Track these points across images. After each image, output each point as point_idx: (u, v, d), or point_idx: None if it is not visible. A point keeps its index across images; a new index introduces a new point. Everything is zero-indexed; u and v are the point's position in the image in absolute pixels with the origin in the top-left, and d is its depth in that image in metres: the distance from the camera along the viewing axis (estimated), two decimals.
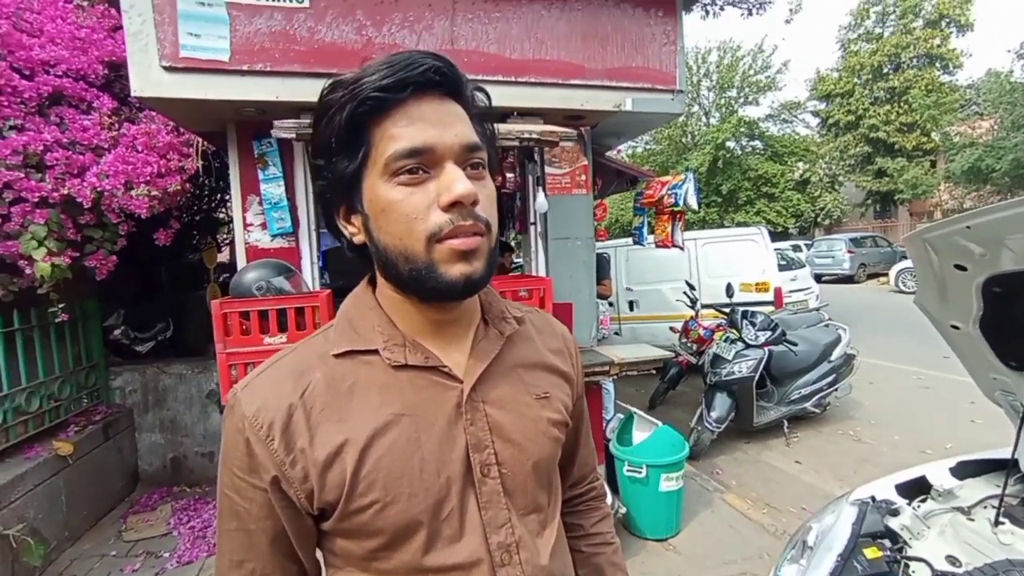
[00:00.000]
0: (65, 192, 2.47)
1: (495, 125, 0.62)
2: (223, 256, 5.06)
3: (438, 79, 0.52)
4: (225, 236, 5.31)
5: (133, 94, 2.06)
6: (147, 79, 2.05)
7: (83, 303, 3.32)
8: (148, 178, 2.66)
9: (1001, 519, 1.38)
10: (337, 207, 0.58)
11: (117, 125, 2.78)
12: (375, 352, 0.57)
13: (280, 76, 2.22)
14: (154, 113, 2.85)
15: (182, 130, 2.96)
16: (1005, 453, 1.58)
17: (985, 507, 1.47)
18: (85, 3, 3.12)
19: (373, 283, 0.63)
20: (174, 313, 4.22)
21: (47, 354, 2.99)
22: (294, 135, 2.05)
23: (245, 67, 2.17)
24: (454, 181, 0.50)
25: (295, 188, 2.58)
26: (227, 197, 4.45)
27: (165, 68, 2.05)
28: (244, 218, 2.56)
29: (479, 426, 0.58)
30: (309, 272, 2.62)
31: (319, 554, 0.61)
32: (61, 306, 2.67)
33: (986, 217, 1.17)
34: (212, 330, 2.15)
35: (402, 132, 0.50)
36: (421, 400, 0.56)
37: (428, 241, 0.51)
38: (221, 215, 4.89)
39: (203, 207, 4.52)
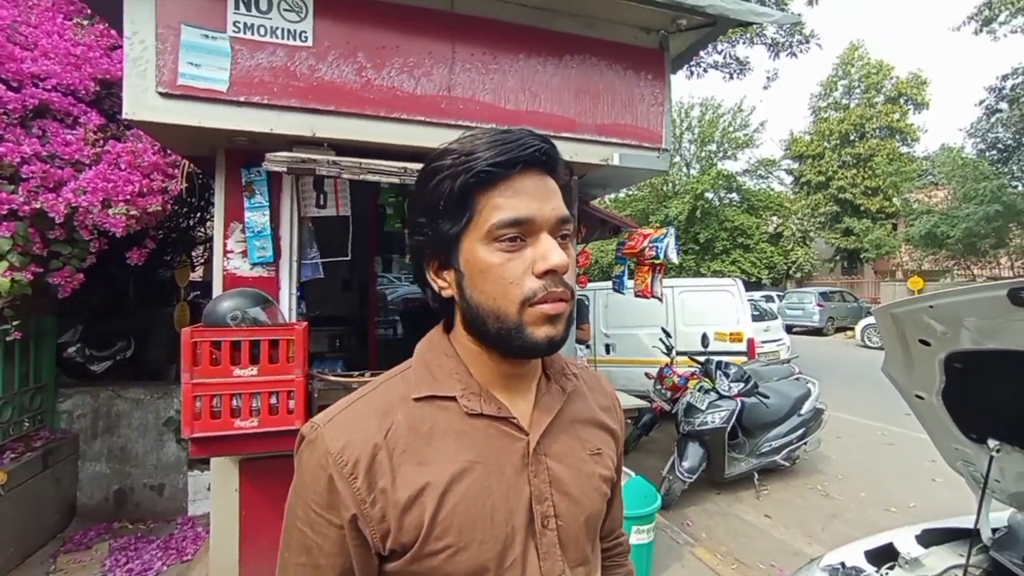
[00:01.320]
0: (37, 206, 2.40)
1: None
2: (196, 274, 4.93)
3: (543, 159, 0.57)
4: (200, 255, 5.18)
5: (125, 116, 2.04)
6: (141, 103, 2.04)
7: (39, 319, 3.15)
8: (128, 197, 2.61)
9: None
10: (431, 261, 0.61)
11: (102, 142, 2.74)
12: (452, 399, 0.59)
13: (276, 109, 2.24)
14: (142, 132, 2.82)
15: (169, 151, 2.94)
16: (968, 521, 1.62)
17: None
18: (85, 22, 3.13)
19: (448, 328, 0.65)
20: (137, 331, 4.04)
21: None
22: (285, 168, 2.06)
23: (242, 98, 2.18)
24: (550, 251, 0.55)
25: (280, 218, 2.56)
26: (206, 216, 4.38)
27: (161, 94, 2.05)
28: (225, 244, 2.51)
29: (541, 478, 0.60)
30: (287, 303, 2.56)
31: None
32: (15, 323, 2.53)
33: (947, 299, 1.24)
34: (177, 351, 2.08)
35: (507, 203, 0.55)
36: (492, 449, 0.59)
37: (521, 304, 0.55)
38: (199, 233, 4.79)
39: (180, 224, 4.43)
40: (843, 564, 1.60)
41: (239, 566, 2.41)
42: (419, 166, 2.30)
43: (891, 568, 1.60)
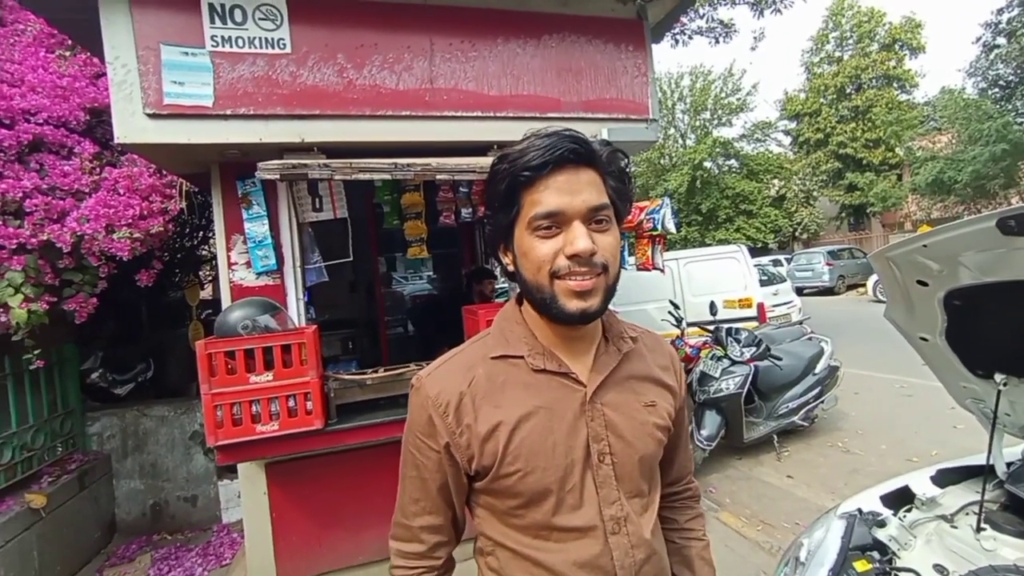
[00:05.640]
0: (44, 238, 2.45)
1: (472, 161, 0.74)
2: (206, 293, 5.01)
3: (572, 157, 0.66)
4: (208, 273, 5.26)
5: (116, 141, 2.08)
6: (131, 126, 2.08)
7: (60, 348, 3.24)
8: (130, 220, 2.66)
9: (983, 525, 1.41)
10: (498, 243, 0.76)
11: (98, 169, 2.79)
12: (521, 357, 0.74)
13: (263, 119, 2.27)
14: (136, 156, 2.87)
15: (164, 172, 2.98)
16: (982, 459, 1.63)
17: (967, 514, 1.51)
18: (68, 53, 3.16)
19: (520, 301, 0.80)
20: (155, 353, 4.14)
21: (20, 403, 2.90)
22: (278, 176, 2.09)
23: (228, 111, 2.21)
24: (576, 239, 0.65)
25: (279, 226, 2.60)
26: (210, 234, 4.43)
27: (149, 115, 2.08)
28: (228, 257, 2.56)
29: (598, 422, 0.73)
30: (295, 309, 2.61)
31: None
32: (36, 352, 2.61)
33: (940, 236, 1.24)
34: (195, 369, 2.13)
35: (541, 198, 0.67)
36: (555, 397, 0.72)
37: (551, 277, 0.67)
38: (204, 252, 4.86)
39: (185, 245, 4.50)
40: (860, 510, 1.62)
41: (275, 565, 2.49)
42: (408, 160, 2.30)
43: (908, 511, 1.62)
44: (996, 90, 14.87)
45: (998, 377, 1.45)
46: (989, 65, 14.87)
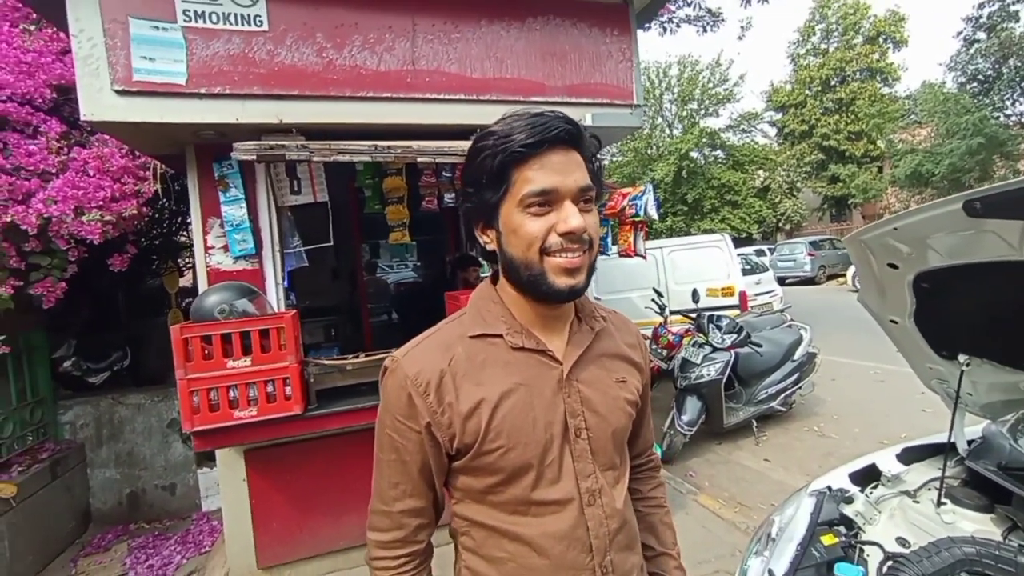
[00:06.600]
0: (8, 219, 2.37)
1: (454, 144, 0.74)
2: (185, 280, 4.91)
3: (566, 138, 0.68)
4: (187, 260, 5.15)
5: (83, 118, 2.01)
6: (98, 103, 2.00)
7: (28, 334, 3.15)
8: (101, 203, 2.59)
9: (943, 500, 1.46)
10: (477, 222, 0.75)
11: (66, 149, 2.70)
12: (499, 336, 0.74)
13: (240, 99, 2.21)
14: (107, 136, 2.77)
15: (138, 153, 2.89)
16: (944, 438, 1.69)
17: (929, 489, 1.56)
18: (33, 27, 3.03)
19: (495, 280, 0.81)
20: (132, 341, 4.05)
21: None
22: (255, 157, 2.04)
23: (203, 90, 2.14)
24: (569, 216, 0.67)
25: (258, 209, 2.55)
26: (188, 220, 4.33)
27: (118, 92, 2.01)
28: (205, 241, 2.51)
29: (574, 398, 0.75)
30: (274, 293, 2.57)
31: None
32: (2, 338, 2.54)
33: (910, 219, 1.27)
34: (173, 357, 2.09)
35: (535, 176, 0.67)
36: (533, 375, 0.74)
37: (541, 254, 0.68)
38: (183, 238, 4.75)
39: (162, 231, 4.39)
40: (829, 488, 1.67)
41: (255, 551, 2.48)
42: (389, 143, 2.26)
43: (874, 487, 1.67)
44: (975, 84, 15.13)
45: (961, 358, 1.50)
46: (969, 59, 15.11)
